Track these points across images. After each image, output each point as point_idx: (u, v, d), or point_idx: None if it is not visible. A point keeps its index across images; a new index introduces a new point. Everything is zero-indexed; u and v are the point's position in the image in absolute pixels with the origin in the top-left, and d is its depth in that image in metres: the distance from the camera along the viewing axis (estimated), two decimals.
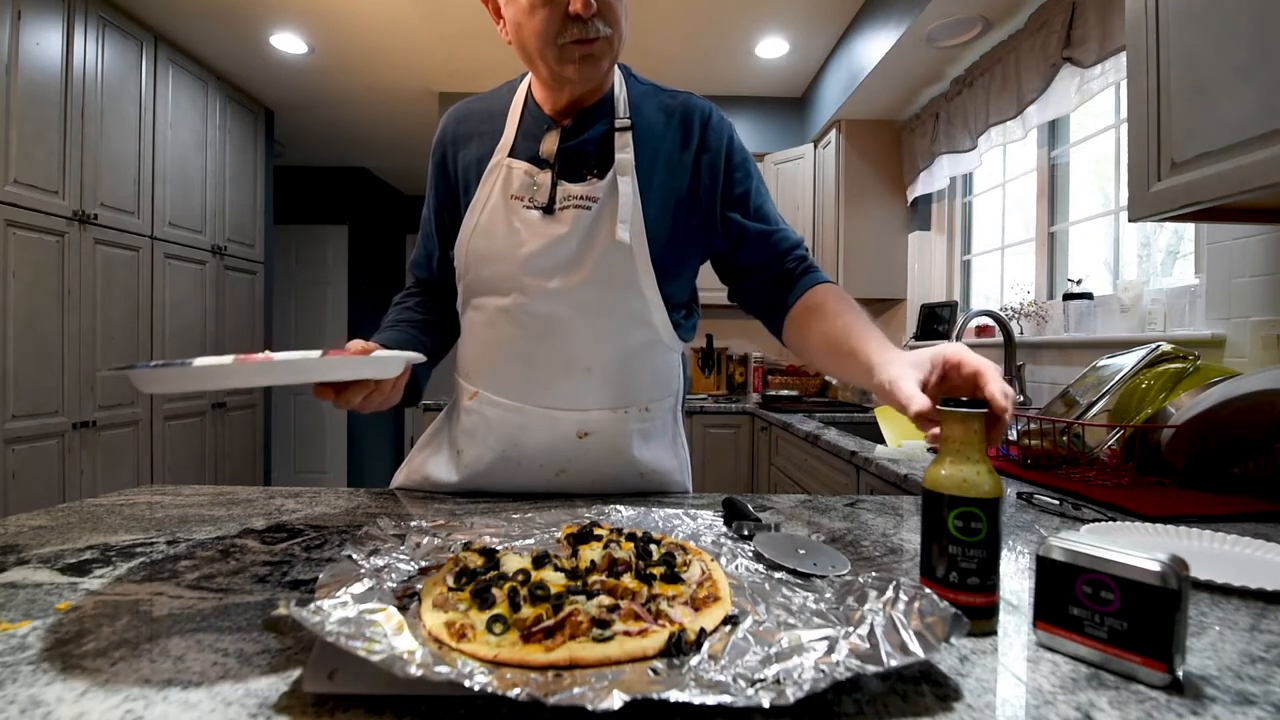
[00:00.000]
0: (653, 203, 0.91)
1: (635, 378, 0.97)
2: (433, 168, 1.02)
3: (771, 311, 0.97)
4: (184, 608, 0.52)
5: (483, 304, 0.96)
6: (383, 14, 2.95)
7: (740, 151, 0.97)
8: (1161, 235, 1.89)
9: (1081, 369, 1.44)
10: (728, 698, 0.36)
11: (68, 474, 2.59)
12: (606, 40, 0.84)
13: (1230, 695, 0.41)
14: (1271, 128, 0.89)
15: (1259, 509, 0.92)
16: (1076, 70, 1.95)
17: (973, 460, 0.51)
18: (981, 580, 0.50)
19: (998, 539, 0.50)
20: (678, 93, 0.98)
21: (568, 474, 0.96)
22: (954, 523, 0.50)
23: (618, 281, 0.91)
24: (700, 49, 3.27)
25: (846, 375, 0.80)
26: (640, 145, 0.92)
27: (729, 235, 0.96)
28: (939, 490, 0.51)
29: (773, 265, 0.96)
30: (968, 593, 0.50)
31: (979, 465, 0.51)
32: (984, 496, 0.49)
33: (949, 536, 0.50)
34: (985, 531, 0.49)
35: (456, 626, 0.44)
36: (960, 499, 0.50)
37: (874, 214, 3.18)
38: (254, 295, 3.86)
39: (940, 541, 0.51)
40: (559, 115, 0.94)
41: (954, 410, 0.52)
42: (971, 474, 0.50)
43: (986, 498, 0.50)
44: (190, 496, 0.93)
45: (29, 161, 2.39)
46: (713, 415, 3.18)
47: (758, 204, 0.97)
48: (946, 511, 0.50)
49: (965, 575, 0.50)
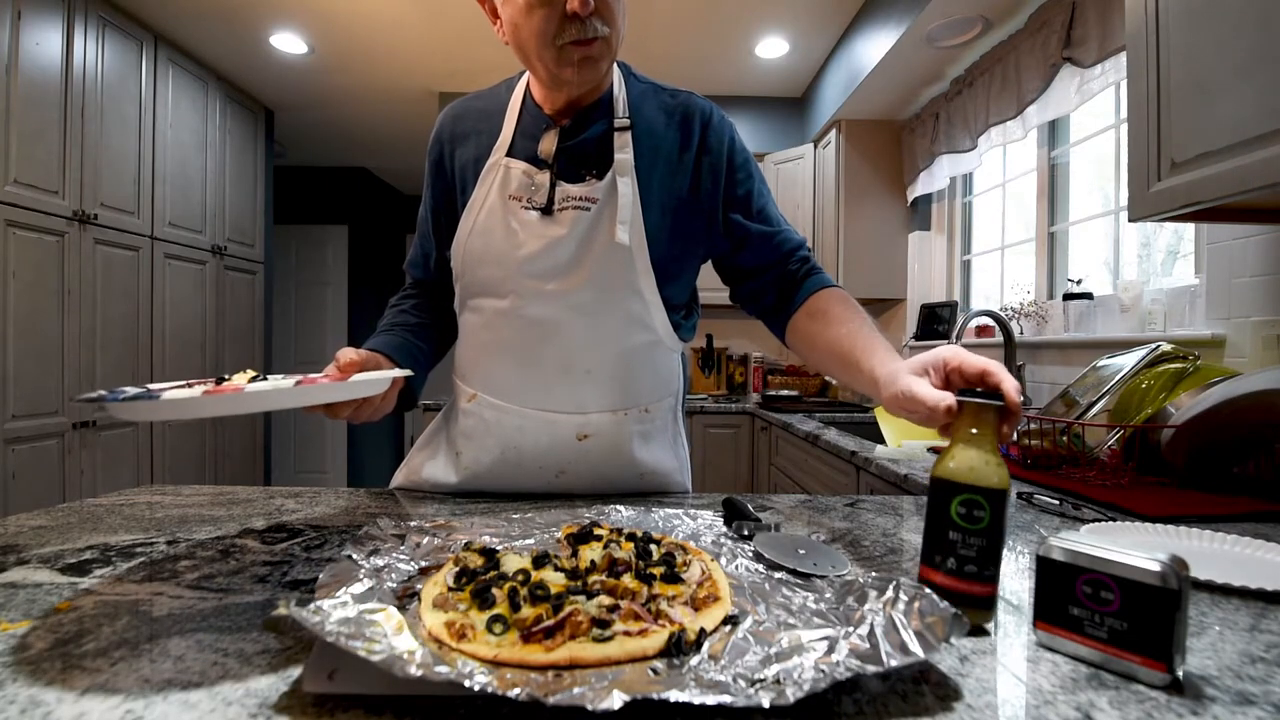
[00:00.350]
0: (652, 204, 0.91)
1: (635, 379, 0.96)
2: (429, 166, 1.01)
3: (775, 314, 0.97)
4: (184, 608, 0.52)
5: (480, 305, 0.95)
6: (383, 14, 2.95)
7: (742, 152, 0.97)
8: (1161, 235, 1.89)
9: (1081, 369, 1.44)
10: (728, 698, 0.36)
11: (68, 474, 2.59)
12: (605, 41, 0.83)
13: (1230, 695, 0.41)
14: (1271, 128, 0.89)
15: (1259, 509, 0.92)
16: (1076, 70, 1.95)
17: (984, 450, 0.52)
18: (979, 570, 0.50)
19: (1000, 532, 0.50)
20: (678, 92, 0.97)
21: (567, 475, 0.96)
22: (958, 509, 0.51)
23: (617, 283, 0.91)
24: (700, 49, 3.27)
25: (852, 384, 0.80)
26: (639, 145, 0.91)
27: (731, 236, 0.96)
28: (946, 477, 0.52)
29: (776, 267, 0.96)
30: (965, 580, 0.50)
31: (989, 456, 0.52)
32: (990, 486, 0.50)
33: (951, 522, 0.51)
34: (988, 521, 0.50)
35: (456, 626, 0.44)
36: (966, 486, 0.51)
37: (874, 214, 3.18)
38: (254, 295, 3.86)
39: (942, 527, 0.51)
40: (558, 115, 0.93)
41: (971, 400, 0.53)
42: (980, 463, 0.51)
43: (992, 487, 0.50)
44: (190, 496, 0.93)
45: (29, 161, 2.40)
46: (713, 415, 3.18)
47: (760, 205, 0.97)
48: (951, 497, 0.51)
49: (964, 563, 0.50)
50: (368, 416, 0.80)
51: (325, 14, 2.95)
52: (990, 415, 0.53)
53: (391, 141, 4.63)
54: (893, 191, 3.20)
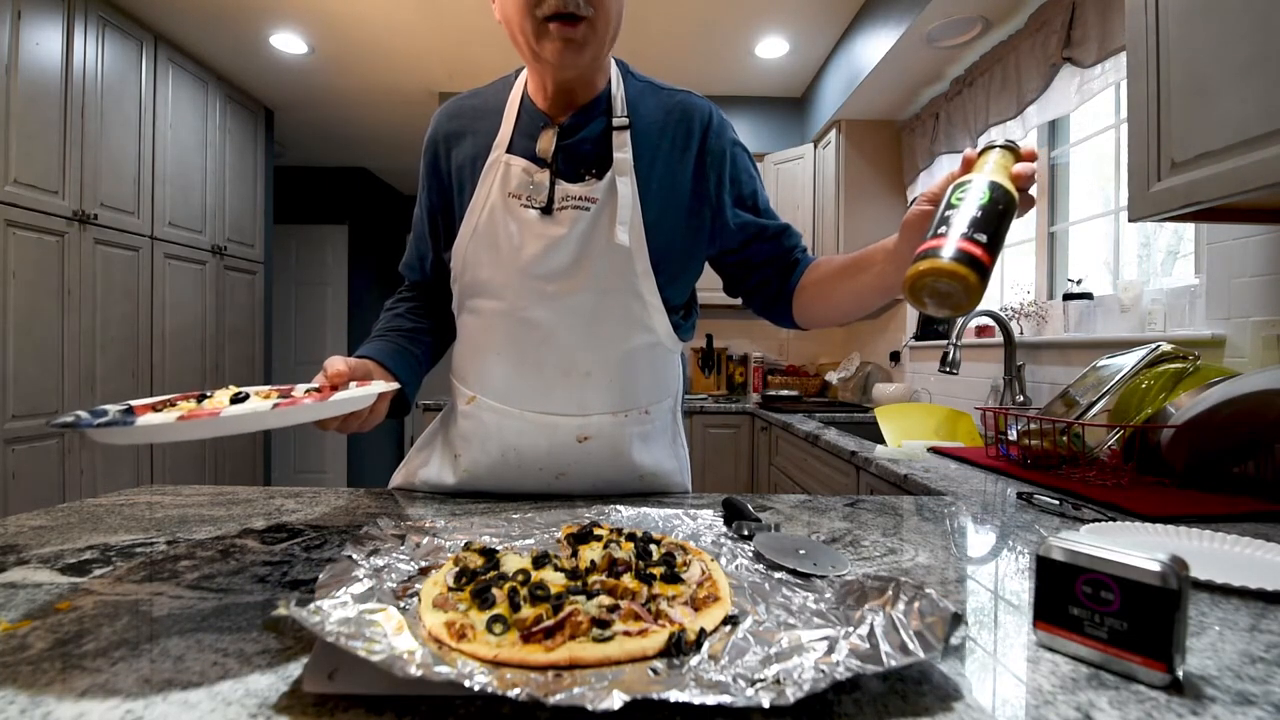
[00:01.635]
0: (652, 204, 0.90)
1: (635, 381, 0.96)
2: (424, 167, 1.00)
3: (777, 300, 0.99)
4: (184, 608, 0.52)
5: (479, 307, 0.95)
6: (383, 14, 2.95)
7: (744, 151, 0.98)
8: (1161, 235, 1.89)
9: (1081, 369, 1.44)
10: (728, 698, 0.36)
11: (68, 474, 2.59)
12: (589, 24, 0.81)
13: (1230, 695, 0.41)
14: (1272, 128, 0.89)
15: (1259, 509, 0.92)
16: (1076, 70, 1.95)
17: (985, 169, 0.61)
18: (949, 230, 0.57)
19: (983, 208, 0.57)
20: (676, 91, 0.97)
21: (567, 477, 0.96)
22: (956, 195, 0.60)
23: (617, 285, 0.90)
24: (700, 49, 3.27)
25: (871, 284, 0.83)
26: (638, 145, 0.91)
27: (743, 232, 0.97)
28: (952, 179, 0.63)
29: (784, 257, 0.99)
30: (935, 238, 0.58)
31: (997, 170, 0.60)
32: (980, 176, 0.60)
33: (949, 204, 0.60)
34: (988, 197, 0.58)
35: (456, 626, 0.44)
36: (962, 182, 0.60)
37: (874, 214, 3.18)
38: (254, 295, 3.86)
39: (943, 207, 0.60)
40: (554, 111, 0.92)
41: (978, 151, 0.64)
42: (979, 166, 0.62)
43: (986, 178, 0.59)
44: (190, 496, 0.93)
45: (29, 161, 2.40)
46: (713, 415, 3.18)
47: (765, 201, 0.99)
48: (950, 184, 0.62)
49: (939, 225, 0.58)
50: (357, 427, 0.80)
51: (325, 14, 2.95)
52: (996, 154, 0.62)
53: (391, 141, 4.63)
54: (893, 191, 3.20)
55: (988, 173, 0.60)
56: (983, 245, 0.56)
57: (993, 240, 0.56)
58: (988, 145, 0.63)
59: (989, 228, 0.57)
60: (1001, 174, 0.60)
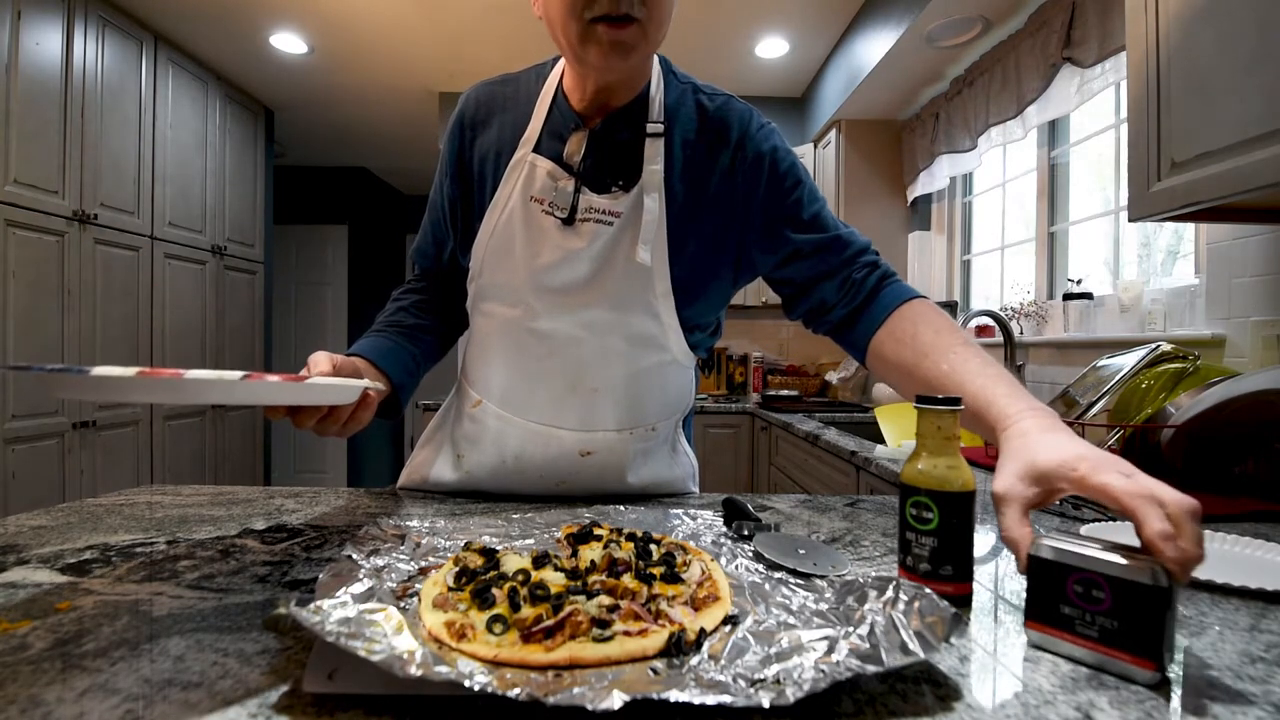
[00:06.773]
0: (679, 219, 0.85)
1: (644, 400, 0.93)
2: (447, 152, 0.94)
3: (847, 330, 0.87)
4: (184, 608, 0.52)
5: (491, 311, 0.92)
6: (383, 14, 2.95)
7: (786, 158, 0.89)
8: (1161, 235, 1.89)
9: (1081, 369, 1.44)
10: (728, 698, 0.36)
11: (68, 474, 2.59)
12: (640, 26, 0.74)
13: (1230, 695, 0.41)
14: (1272, 127, 0.89)
15: (1259, 509, 0.92)
16: (1076, 70, 1.95)
17: (935, 454, 0.55)
18: (933, 568, 0.54)
19: (954, 532, 0.53)
20: (717, 95, 0.90)
21: (568, 485, 0.95)
22: (909, 510, 0.55)
23: (632, 304, 0.86)
24: (700, 49, 3.27)
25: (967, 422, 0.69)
26: (671, 155, 0.85)
27: (779, 250, 0.88)
28: (902, 480, 0.56)
29: (836, 274, 0.87)
30: (918, 578, 0.54)
31: (938, 459, 0.54)
32: (934, 488, 0.54)
33: (905, 523, 0.55)
34: (936, 522, 0.53)
35: (456, 626, 0.44)
36: (912, 488, 0.55)
37: (874, 214, 3.18)
38: (254, 295, 3.86)
39: (901, 527, 0.56)
40: (588, 112, 0.86)
41: (922, 407, 0.56)
42: (930, 466, 0.54)
43: (936, 489, 0.53)
44: (190, 496, 0.93)
45: (29, 161, 2.40)
46: (713, 415, 3.18)
47: (813, 212, 0.88)
48: (904, 499, 0.56)
49: (918, 561, 0.54)
50: (336, 432, 0.74)
51: (325, 14, 2.95)
52: (944, 420, 0.55)
53: (391, 141, 4.64)
54: (893, 191, 3.20)
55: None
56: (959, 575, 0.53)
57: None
58: (928, 410, 0.55)
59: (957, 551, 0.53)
60: (949, 452, 0.55)
